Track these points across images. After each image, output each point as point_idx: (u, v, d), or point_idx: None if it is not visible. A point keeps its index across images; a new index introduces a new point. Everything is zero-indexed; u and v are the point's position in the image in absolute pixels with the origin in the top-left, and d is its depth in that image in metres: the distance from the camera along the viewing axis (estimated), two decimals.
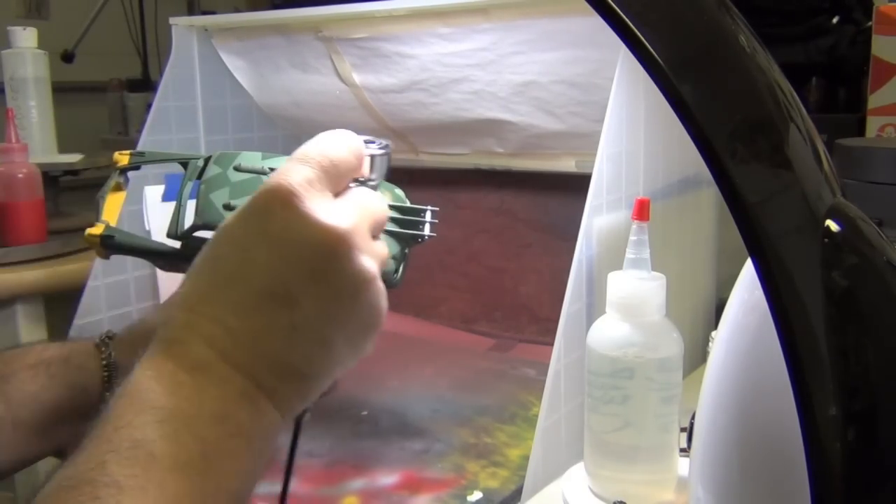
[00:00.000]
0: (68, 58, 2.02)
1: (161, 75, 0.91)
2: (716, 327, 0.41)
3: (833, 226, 0.28)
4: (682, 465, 0.54)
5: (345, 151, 0.42)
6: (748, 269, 0.37)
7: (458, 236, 0.95)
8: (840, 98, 1.29)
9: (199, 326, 0.38)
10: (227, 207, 0.48)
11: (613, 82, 0.58)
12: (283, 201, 0.38)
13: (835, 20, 1.27)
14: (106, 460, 0.33)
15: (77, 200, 1.41)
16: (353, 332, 0.41)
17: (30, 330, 1.12)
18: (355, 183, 0.44)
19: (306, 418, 0.45)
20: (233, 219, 0.40)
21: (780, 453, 0.32)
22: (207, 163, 0.51)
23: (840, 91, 1.29)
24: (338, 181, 0.42)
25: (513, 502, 0.56)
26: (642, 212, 0.52)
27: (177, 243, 0.51)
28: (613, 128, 0.59)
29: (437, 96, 0.84)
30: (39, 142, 1.32)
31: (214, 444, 0.36)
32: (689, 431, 0.51)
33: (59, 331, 1.08)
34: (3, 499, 1.12)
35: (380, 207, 0.44)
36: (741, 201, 0.26)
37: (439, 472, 0.60)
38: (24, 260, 1.12)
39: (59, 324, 1.07)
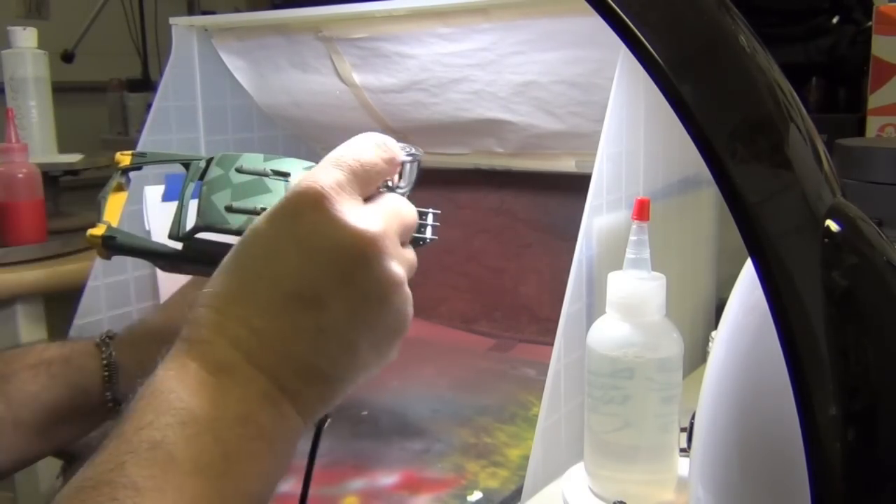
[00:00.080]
0: (68, 58, 2.02)
1: (161, 75, 0.91)
2: (716, 327, 0.41)
3: (833, 226, 0.28)
4: (682, 465, 0.54)
5: (376, 156, 0.42)
6: (748, 269, 0.37)
7: (458, 236, 0.95)
8: (840, 98, 1.29)
9: (226, 327, 0.38)
10: (228, 209, 0.48)
11: (613, 82, 0.58)
12: (314, 203, 0.38)
13: (835, 20, 1.27)
14: (125, 461, 0.33)
15: (77, 200, 1.42)
16: (380, 337, 0.41)
17: (30, 330, 1.13)
18: (385, 188, 0.44)
19: (327, 424, 0.45)
20: (262, 220, 0.40)
21: (780, 453, 0.32)
22: (209, 164, 0.51)
23: (840, 91, 1.29)
24: (368, 185, 0.42)
25: (513, 502, 0.56)
26: (642, 212, 0.52)
27: (178, 244, 0.51)
28: (613, 128, 0.59)
29: (437, 96, 0.84)
30: (39, 142, 1.32)
31: (236, 447, 0.35)
32: (689, 431, 0.51)
33: (59, 331, 1.08)
34: (3, 499, 1.12)
35: (410, 213, 0.44)
36: (741, 201, 0.26)
37: (439, 472, 0.60)
38: (24, 260, 1.12)
39: (59, 324, 1.07)
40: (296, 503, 0.56)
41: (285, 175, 0.54)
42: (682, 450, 0.54)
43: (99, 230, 0.53)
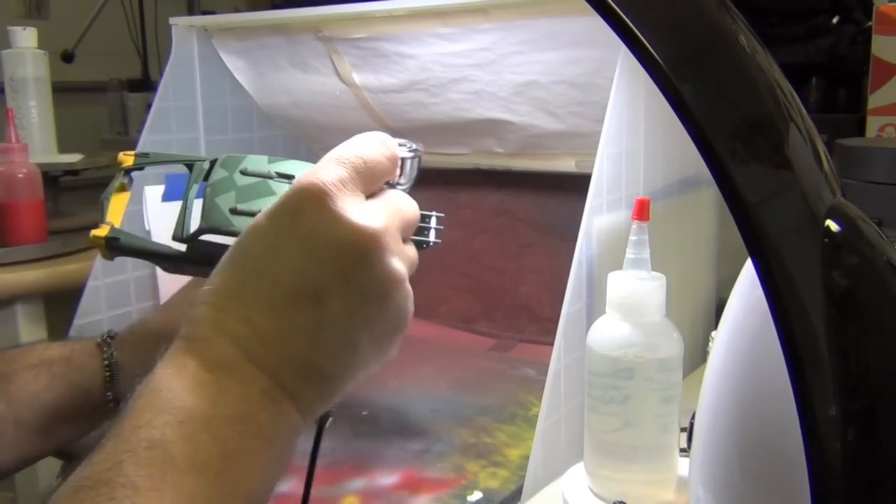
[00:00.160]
0: (68, 58, 2.02)
1: (161, 75, 0.91)
2: (716, 327, 0.41)
3: (833, 226, 0.28)
4: (682, 465, 0.54)
5: (379, 153, 0.42)
6: (748, 270, 0.37)
7: (458, 236, 0.95)
8: (840, 98, 1.29)
9: (225, 324, 0.37)
10: (233, 211, 0.48)
11: (613, 82, 0.58)
12: (316, 200, 0.38)
13: (835, 20, 1.27)
14: (123, 460, 0.33)
15: (77, 200, 1.42)
16: (380, 334, 0.40)
17: (30, 330, 1.13)
18: (386, 186, 0.44)
19: (328, 423, 0.45)
20: (263, 217, 0.40)
21: (780, 453, 0.32)
22: (213, 165, 0.51)
23: (840, 91, 1.29)
24: (371, 183, 0.42)
25: (513, 502, 0.56)
26: (642, 212, 0.52)
27: (182, 246, 0.51)
28: (613, 128, 0.59)
29: (437, 96, 0.84)
30: (39, 142, 1.32)
31: (235, 445, 0.35)
32: (689, 431, 0.51)
33: (59, 331, 1.08)
34: (3, 499, 1.12)
35: (411, 210, 0.44)
36: (741, 201, 0.26)
37: (439, 472, 0.60)
38: (24, 260, 1.12)
39: (59, 324, 1.07)
40: (297, 503, 0.56)
41: (289, 178, 0.54)
42: (682, 450, 0.54)
43: (102, 231, 0.53)
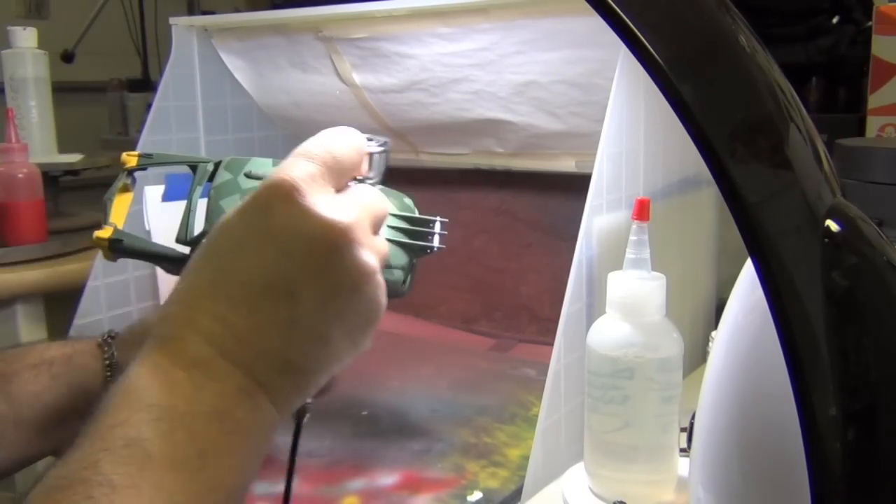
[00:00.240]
0: (68, 58, 2.02)
1: (161, 75, 0.91)
2: (716, 327, 0.41)
3: (833, 226, 0.28)
4: (682, 465, 0.54)
5: (347, 148, 0.43)
6: (748, 270, 0.37)
7: (458, 236, 0.95)
8: (840, 98, 1.29)
9: (198, 323, 0.38)
10: None
11: (613, 82, 0.58)
12: (286, 196, 0.38)
13: (835, 20, 1.27)
14: (99, 459, 0.33)
15: (77, 200, 1.42)
16: (352, 327, 0.41)
17: (30, 330, 1.12)
18: (354, 181, 0.44)
19: (306, 419, 0.45)
20: (232, 214, 0.40)
21: (780, 453, 0.32)
22: (217, 167, 0.51)
23: (840, 91, 1.29)
24: (340, 178, 0.42)
25: (513, 502, 0.56)
26: (642, 212, 0.52)
27: (184, 248, 0.51)
28: (613, 128, 0.59)
29: (437, 96, 0.84)
30: (39, 142, 1.32)
31: (212, 442, 0.35)
32: (689, 431, 0.51)
33: (59, 331, 1.08)
34: (3, 499, 1.12)
35: (380, 204, 0.44)
36: (741, 201, 0.26)
37: (439, 472, 0.60)
38: (24, 260, 1.12)
39: (59, 324, 1.07)
40: (296, 503, 0.56)
41: None
42: (682, 450, 0.54)
43: (105, 233, 0.53)
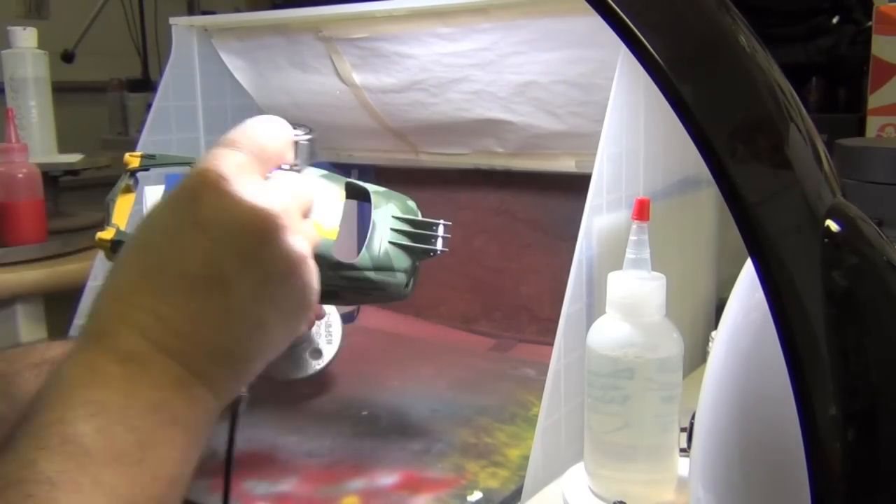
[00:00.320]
0: (68, 58, 2.02)
1: (161, 75, 0.91)
2: (716, 327, 0.41)
3: (833, 226, 0.28)
4: (682, 465, 0.54)
5: (271, 137, 0.43)
6: (748, 270, 0.37)
7: (458, 236, 0.95)
8: (840, 98, 1.29)
9: (131, 317, 0.37)
10: None
11: (613, 82, 0.58)
12: (213, 185, 0.39)
13: (835, 20, 1.27)
14: (36, 458, 0.33)
15: (77, 200, 1.42)
16: (287, 312, 0.41)
17: (30, 330, 1.12)
18: (281, 169, 0.45)
19: (242, 408, 0.45)
20: (160, 206, 0.40)
21: (780, 453, 0.32)
22: None
23: (840, 91, 1.29)
24: (266, 166, 0.43)
25: (513, 502, 0.56)
26: (642, 212, 0.52)
27: None
28: (613, 128, 0.59)
29: (437, 96, 0.84)
30: (39, 142, 1.32)
31: (150, 434, 0.35)
32: (689, 431, 0.51)
33: (59, 331, 1.08)
34: None
35: (308, 190, 0.45)
36: (741, 201, 0.26)
37: (439, 472, 0.60)
38: (24, 260, 1.12)
39: (59, 324, 1.07)
40: (296, 503, 0.56)
41: None
42: (682, 450, 0.54)
43: (108, 234, 0.53)
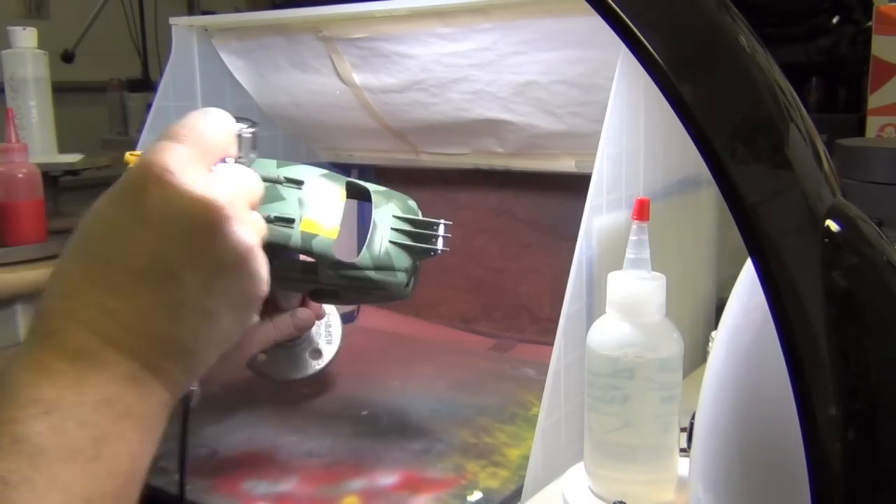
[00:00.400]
0: (68, 58, 2.02)
1: (161, 75, 0.91)
2: (716, 327, 0.41)
3: (833, 226, 0.28)
4: (682, 465, 0.54)
5: (215, 129, 0.43)
6: (748, 270, 0.37)
7: (458, 236, 0.95)
8: (840, 98, 1.29)
9: (78, 313, 0.37)
10: None
11: (613, 82, 0.58)
12: (157, 178, 0.39)
13: (835, 20, 1.27)
14: None
15: (77, 200, 1.41)
16: (237, 303, 0.41)
17: None
18: (225, 161, 0.45)
19: (195, 403, 0.45)
20: (104, 200, 0.40)
21: (780, 453, 0.32)
22: None
23: (840, 91, 1.29)
24: (210, 158, 0.43)
25: (513, 502, 0.56)
26: (642, 212, 0.52)
27: None
28: (613, 128, 0.59)
29: (437, 96, 0.84)
30: (39, 142, 1.32)
31: (103, 430, 0.35)
32: (689, 431, 0.51)
33: None
34: None
35: (253, 180, 0.45)
36: (741, 201, 0.26)
37: (439, 472, 0.60)
38: (24, 260, 1.12)
39: None
40: (296, 503, 0.56)
41: (298, 183, 0.55)
42: (682, 450, 0.54)
43: None
